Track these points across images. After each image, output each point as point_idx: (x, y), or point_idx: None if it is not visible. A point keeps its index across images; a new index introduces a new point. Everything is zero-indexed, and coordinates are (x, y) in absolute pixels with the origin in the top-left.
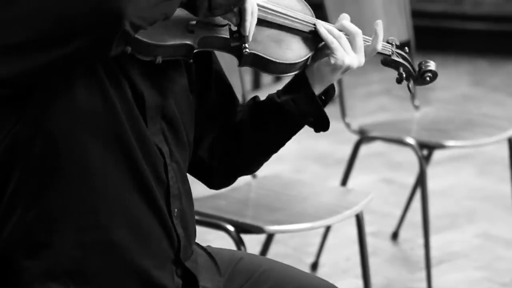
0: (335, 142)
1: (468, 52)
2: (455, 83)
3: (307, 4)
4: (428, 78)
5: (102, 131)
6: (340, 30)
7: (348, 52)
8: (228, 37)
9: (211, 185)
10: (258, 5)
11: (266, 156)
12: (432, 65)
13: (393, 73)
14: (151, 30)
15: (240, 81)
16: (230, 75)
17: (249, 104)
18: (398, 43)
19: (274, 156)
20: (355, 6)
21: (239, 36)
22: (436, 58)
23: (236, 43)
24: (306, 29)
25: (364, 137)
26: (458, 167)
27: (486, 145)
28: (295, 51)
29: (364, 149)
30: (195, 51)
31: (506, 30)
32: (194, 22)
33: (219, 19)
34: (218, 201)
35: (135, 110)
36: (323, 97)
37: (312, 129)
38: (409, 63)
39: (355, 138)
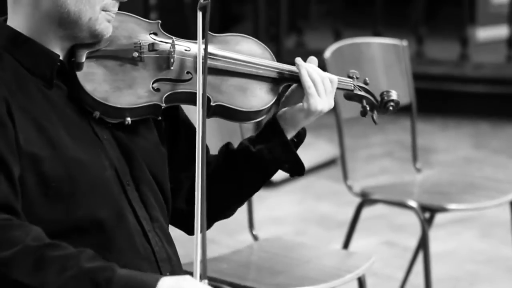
0: (336, 204)
1: (469, 115)
2: (457, 146)
3: (267, 47)
4: (391, 108)
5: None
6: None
7: (321, 97)
8: (194, 90)
9: (190, 232)
10: (219, 55)
11: (241, 202)
12: (394, 94)
13: (394, 136)
14: (118, 93)
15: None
16: (231, 135)
17: (222, 151)
18: (358, 76)
19: (276, 218)
20: (356, 67)
21: None
22: (437, 120)
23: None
24: (270, 74)
25: (366, 199)
26: (460, 230)
27: (488, 208)
28: (260, 97)
29: (366, 211)
30: (162, 108)
31: (507, 93)
32: (159, 81)
33: (180, 74)
34: (220, 264)
35: (114, 183)
36: (295, 139)
37: (314, 191)
38: (371, 95)
39: (357, 200)
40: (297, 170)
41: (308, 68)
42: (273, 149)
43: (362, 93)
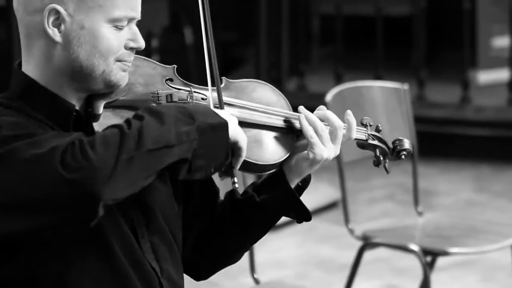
0: (338, 247)
1: (471, 158)
2: (458, 189)
3: (281, 94)
4: (403, 157)
5: (95, 265)
6: (322, 120)
7: (326, 146)
8: None
9: (197, 278)
10: (235, 105)
11: (247, 248)
12: (406, 143)
13: (396, 179)
14: None
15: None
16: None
17: (227, 199)
18: (372, 123)
19: (277, 261)
20: (358, 111)
21: (228, 169)
22: (439, 163)
23: (225, 176)
24: (285, 124)
25: (367, 243)
26: (462, 274)
27: (490, 252)
28: (275, 150)
29: (367, 254)
30: None
31: (509, 136)
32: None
33: None
34: None
35: (128, 234)
36: (300, 184)
37: (315, 234)
38: (384, 143)
39: (358, 243)
40: (303, 216)
41: (310, 116)
42: (277, 198)
43: (376, 142)
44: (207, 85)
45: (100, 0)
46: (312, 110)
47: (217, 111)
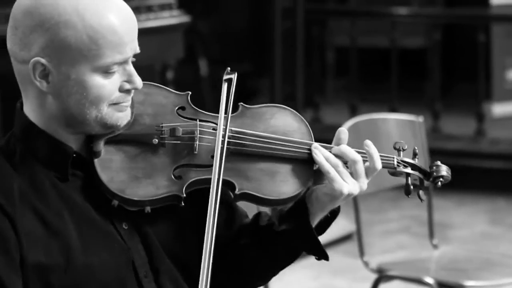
0: (353, 280)
1: (486, 190)
2: (474, 221)
3: (303, 119)
4: (439, 183)
5: None
6: (338, 156)
7: (346, 181)
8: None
9: None
10: (248, 134)
11: (267, 277)
12: (443, 169)
13: (411, 212)
14: (135, 184)
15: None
16: (247, 207)
17: (253, 222)
18: (405, 147)
19: None
20: (373, 143)
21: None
22: (454, 196)
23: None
24: (302, 155)
25: (382, 275)
26: None
27: (506, 285)
28: (291, 183)
29: (382, 287)
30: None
31: None
32: (181, 167)
33: (204, 159)
34: None
35: (128, 279)
36: (329, 215)
37: (330, 267)
38: (419, 169)
39: (373, 276)
40: (321, 256)
41: (324, 153)
42: (296, 234)
43: (407, 170)
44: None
45: (84, 51)
46: (327, 142)
47: None
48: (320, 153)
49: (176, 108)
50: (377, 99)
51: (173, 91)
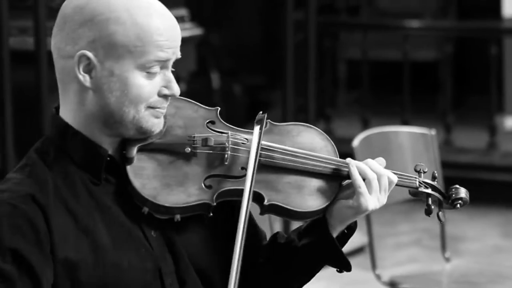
0: None
1: (498, 203)
2: (486, 235)
3: (329, 138)
4: (458, 206)
5: None
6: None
7: (373, 196)
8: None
9: None
10: (277, 149)
11: None
12: (462, 192)
13: (422, 225)
14: (167, 191)
15: (270, 230)
16: (260, 223)
17: (271, 242)
18: (426, 170)
19: None
20: (385, 156)
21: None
22: (466, 209)
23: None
24: (329, 170)
25: None
26: None
27: None
28: (317, 197)
29: None
30: (213, 206)
31: None
32: (212, 177)
33: (234, 170)
34: None
35: (155, 284)
36: (346, 231)
37: (341, 280)
38: (439, 191)
39: None
40: (343, 265)
41: (360, 166)
42: (318, 245)
43: (428, 191)
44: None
45: (130, 47)
46: (339, 155)
47: None
48: (354, 165)
49: (206, 121)
50: (389, 112)
51: (202, 106)
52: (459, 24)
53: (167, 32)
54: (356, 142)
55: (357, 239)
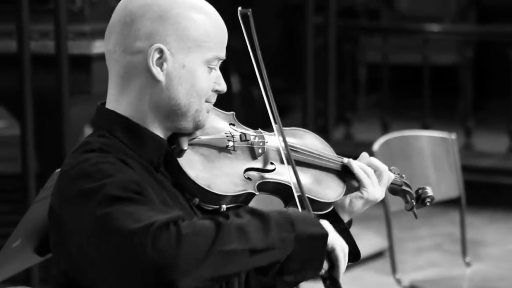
0: None
1: None
2: (506, 239)
3: (327, 144)
4: (428, 203)
5: None
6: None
7: (375, 186)
8: (286, 183)
9: None
10: (297, 147)
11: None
12: (429, 190)
13: (443, 229)
14: (217, 181)
15: None
16: None
17: None
18: (399, 172)
19: None
20: (405, 161)
21: (332, 281)
22: (486, 213)
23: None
24: (338, 167)
25: None
26: None
27: None
28: (333, 189)
29: None
30: (255, 196)
31: None
32: (249, 170)
33: (268, 164)
34: None
35: None
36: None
37: (361, 284)
38: (414, 191)
39: None
40: (353, 255)
41: (358, 163)
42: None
43: (408, 188)
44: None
45: (199, 41)
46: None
47: (320, 221)
48: (355, 164)
49: (229, 123)
50: (409, 116)
51: (219, 110)
52: (479, 28)
53: (225, 32)
54: (376, 146)
55: (377, 244)
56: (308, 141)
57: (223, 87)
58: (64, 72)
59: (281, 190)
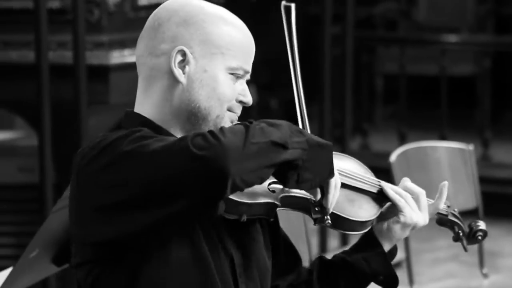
0: None
1: None
2: None
3: (367, 168)
4: (479, 237)
5: (193, 279)
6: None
7: (414, 210)
8: (307, 197)
9: None
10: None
11: None
12: (482, 224)
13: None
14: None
15: (307, 245)
16: (297, 239)
17: (316, 263)
18: (450, 204)
19: None
20: (422, 172)
21: (321, 209)
22: (504, 224)
23: (318, 215)
24: (373, 189)
25: None
26: None
27: None
28: (366, 210)
29: None
30: (278, 209)
31: None
32: (274, 184)
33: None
34: None
35: (227, 272)
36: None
37: None
38: (462, 222)
39: None
40: (391, 283)
41: (392, 186)
42: (369, 259)
43: (455, 219)
44: None
45: (223, 48)
46: (376, 170)
47: None
48: (389, 187)
49: None
50: (426, 126)
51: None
52: (497, 39)
53: (252, 45)
54: (393, 157)
55: None
56: (348, 165)
57: (248, 99)
58: (82, 82)
59: (304, 205)
